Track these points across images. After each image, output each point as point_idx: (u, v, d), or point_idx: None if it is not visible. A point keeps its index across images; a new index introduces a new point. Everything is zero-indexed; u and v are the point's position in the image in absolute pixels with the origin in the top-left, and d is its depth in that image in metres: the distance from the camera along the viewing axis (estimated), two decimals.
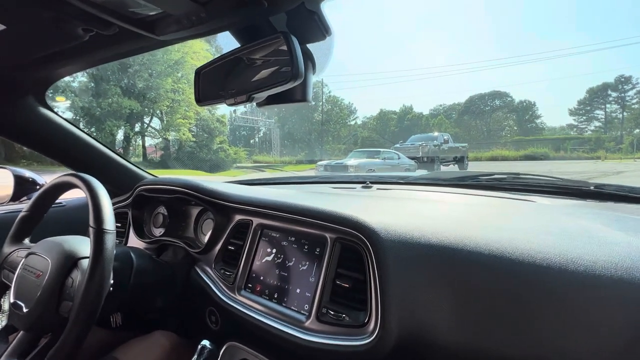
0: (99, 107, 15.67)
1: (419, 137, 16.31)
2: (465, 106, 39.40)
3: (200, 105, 0.69)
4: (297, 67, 0.50)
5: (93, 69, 16.58)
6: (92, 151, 1.12)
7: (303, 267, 0.69)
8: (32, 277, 0.67)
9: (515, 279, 0.50)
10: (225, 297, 0.76)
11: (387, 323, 0.53)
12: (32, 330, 0.66)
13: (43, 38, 0.61)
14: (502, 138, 35.22)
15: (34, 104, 0.93)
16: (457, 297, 0.53)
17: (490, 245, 0.54)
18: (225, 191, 0.88)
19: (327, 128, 34.08)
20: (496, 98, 38.48)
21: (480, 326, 0.51)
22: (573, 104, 37.04)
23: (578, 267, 0.49)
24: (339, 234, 0.65)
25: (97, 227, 0.64)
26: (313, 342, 0.59)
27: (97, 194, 0.68)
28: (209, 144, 20.01)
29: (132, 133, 18.66)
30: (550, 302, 0.48)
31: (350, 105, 36.31)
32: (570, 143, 30.05)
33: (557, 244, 0.54)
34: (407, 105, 39.97)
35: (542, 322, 0.48)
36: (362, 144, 30.83)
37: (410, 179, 1.30)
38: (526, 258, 0.52)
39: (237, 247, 0.81)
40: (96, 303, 0.60)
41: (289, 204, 0.74)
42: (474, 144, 30.63)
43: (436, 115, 39.29)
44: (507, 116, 38.02)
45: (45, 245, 0.71)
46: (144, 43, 0.63)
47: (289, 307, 0.67)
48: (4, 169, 1.16)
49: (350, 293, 0.61)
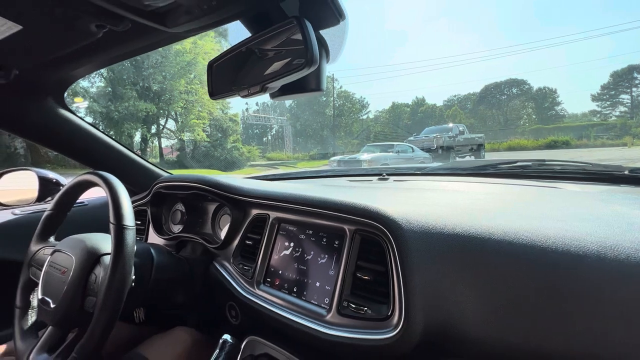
0: (117, 110, 16.16)
1: (433, 129, 16.00)
2: (480, 96, 38.33)
3: (214, 98, 0.68)
4: (312, 52, 0.48)
5: (110, 73, 17.07)
6: (110, 151, 1.14)
7: (322, 261, 0.68)
8: (58, 273, 0.69)
9: (548, 268, 0.47)
10: (244, 292, 0.76)
11: (412, 316, 0.51)
12: (60, 325, 0.68)
13: (58, 37, 0.62)
14: (520, 127, 34.06)
15: (53, 105, 0.95)
16: (486, 289, 0.50)
17: (519, 234, 0.51)
18: (241, 186, 0.88)
19: (339, 123, 33.92)
20: (513, 86, 37.21)
21: (510, 319, 0.48)
22: (596, 89, 35.37)
23: (618, 255, 0.45)
24: (358, 226, 0.63)
25: (118, 223, 0.65)
26: (334, 336, 0.58)
27: (116, 191, 0.69)
28: (223, 143, 20.31)
29: (149, 135, 19.17)
30: (588, 293, 0.45)
31: (362, 100, 35.99)
32: (593, 130, 28.72)
33: (592, 231, 0.50)
34: (419, 97, 39.26)
35: (578, 315, 0.45)
36: (376, 138, 30.50)
37: (428, 169, 1.26)
38: (559, 246, 0.48)
39: (254, 242, 0.81)
40: (119, 298, 0.61)
41: (305, 197, 0.73)
42: (490, 135, 29.78)
43: (450, 106, 38.42)
44: (525, 104, 36.72)
45: (69, 243, 0.73)
46: (156, 38, 0.63)
47: (308, 301, 0.66)
48: (29, 170, 1.20)
49: (372, 286, 0.59)
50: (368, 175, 1.29)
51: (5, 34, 0.57)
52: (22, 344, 0.71)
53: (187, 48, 17.96)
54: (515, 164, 1.03)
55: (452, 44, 74.90)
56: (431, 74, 60.31)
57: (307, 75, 0.58)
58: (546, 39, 57.53)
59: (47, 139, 1.05)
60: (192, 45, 18.09)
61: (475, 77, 54.35)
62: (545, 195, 0.79)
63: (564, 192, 0.81)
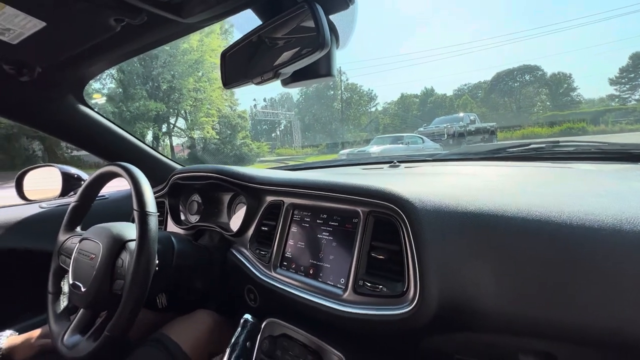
0: (128, 110, 16.48)
1: (444, 119, 15.75)
2: (492, 84, 37.40)
3: (228, 87, 0.70)
4: (324, 35, 0.49)
5: (120, 74, 17.36)
6: (129, 145, 1.18)
7: (337, 243, 0.70)
8: (87, 259, 0.73)
9: (562, 242, 0.47)
10: (262, 275, 0.78)
11: (427, 291, 0.52)
12: (91, 307, 0.72)
13: (79, 33, 0.65)
14: (534, 115, 33.14)
15: (74, 102, 0.99)
16: (500, 264, 0.51)
17: (532, 210, 0.52)
18: (255, 175, 0.90)
19: (347, 116, 33.70)
20: (526, 73, 36.14)
21: (525, 293, 0.49)
22: (614, 73, 34.02)
23: (635, 227, 0.45)
24: (372, 207, 0.65)
25: (141, 210, 0.68)
26: (351, 313, 0.60)
27: (138, 180, 0.72)
28: (232, 140, 20.50)
29: (160, 133, 19.48)
30: (603, 266, 0.45)
31: (370, 92, 35.63)
32: (611, 115, 27.67)
33: (608, 205, 0.50)
34: (428, 87, 38.58)
35: (592, 286, 0.45)
36: (385, 130, 30.21)
37: (439, 156, 1.26)
38: (574, 221, 0.48)
39: (270, 228, 0.83)
40: (145, 279, 0.65)
41: (318, 182, 0.74)
42: (503, 123, 29.06)
43: (461, 96, 37.63)
44: (538, 91, 35.65)
45: (95, 231, 0.76)
46: (171, 30, 0.65)
47: (325, 282, 0.68)
48: (53, 167, 1.26)
49: (387, 265, 0.60)
50: (379, 164, 1.30)
51: (31, 31, 0.60)
52: (56, 326, 0.76)
53: (194, 46, 18.09)
54: (528, 147, 1.02)
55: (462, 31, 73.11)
56: (441, 62, 59.11)
57: (318, 61, 0.60)
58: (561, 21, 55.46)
59: (69, 135, 1.09)
60: (199, 43, 18.22)
61: (486, 65, 53.05)
62: (559, 175, 0.79)
63: (579, 171, 0.80)
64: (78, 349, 0.68)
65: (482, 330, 0.53)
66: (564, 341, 0.48)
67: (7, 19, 0.57)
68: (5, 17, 0.56)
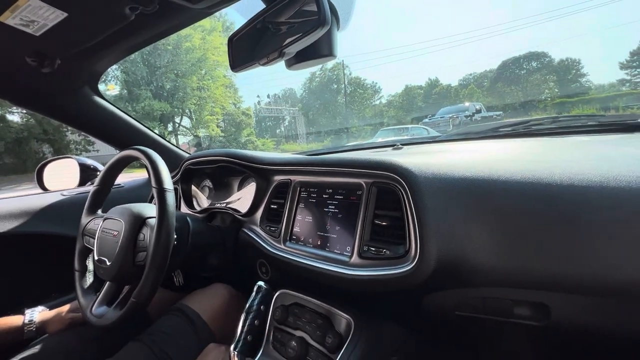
0: (134, 111, 16.68)
1: (449, 110, 15.59)
2: (498, 72, 36.75)
3: (235, 71, 0.74)
4: (324, 12, 0.53)
5: (124, 75, 17.52)
6: (142, 134, 1.23)
7: (342, 215, 0.74)
8: (110, 236, 0.78)
9: (552, 200, 0.51)
10: (272, 249, 0.83)
11: (426, 251, 0.56)
12: (116, 280, 0.77)
13: (96, 23, 0.69)
14: (542, 103, 32.53)
15: (89, 92, 1.04)
16: (495, 223, 0.55)
17: (525, 174, 0.55)
18: (264, 156, 0.94)
19: (352, 110, 33.55)
20: (532, 60, 35.42)
21: (520, 248, 0.53)
22: (625, 56, 33.11)
23: (620, 184, 0.49)
24: (375, 179, 0.69)
25: (159, 187, 0.73)
26: (357, 275, 0.64)
27: (155, 160, 0.77)
28: (237, 137, 20.63)
29: (166, 133, 19.68)
30: (591, 218, 0.48)
31: (374, 85, 35.34)
32: (622, 100, 27.03)
33: (597, 166, 0.54)
34: (433, 78, 38.09)
35: (583, 239, 0.49)
36: (389, 123, 30.03)
37: (442, 137, 1.29)
38: (565, 180, 0.52)
39: (279, 206, 0.88)
40: (166, 250, 0.70)
41: (323, 158, 0.79)
42: (510, 112, 28.62)
43: (466, 86, 37.09)
44: (546, 78, 34.93)
45: (117, 211, 0.82)
46: (182, 17, 0.69)
47: (332, 251, 0.73)
48: (71, 158, 1.32)
49: (390, 230, 0.65)
50: (383, 147, 1.33)
51: (54, 22, 0.65)
52: (84, 300, 0.82)
53: (197, 44, 18.17)
54: (528, 123, 1.05)
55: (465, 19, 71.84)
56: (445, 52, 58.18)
57: (320, 41, 0.64)
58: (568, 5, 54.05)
59: (86, 125, 1.15)
60: (202, 42, 18.28)
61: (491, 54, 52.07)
62: (557, 145, 0.82)
63: (576, 141, 0.83)
64: (106, 318, 0.73)
65: (479, 285, 0.57)
66: (556, 291, 0.52)
67: (32, 11, 0.62)
68: (31, 9, 0.61)
